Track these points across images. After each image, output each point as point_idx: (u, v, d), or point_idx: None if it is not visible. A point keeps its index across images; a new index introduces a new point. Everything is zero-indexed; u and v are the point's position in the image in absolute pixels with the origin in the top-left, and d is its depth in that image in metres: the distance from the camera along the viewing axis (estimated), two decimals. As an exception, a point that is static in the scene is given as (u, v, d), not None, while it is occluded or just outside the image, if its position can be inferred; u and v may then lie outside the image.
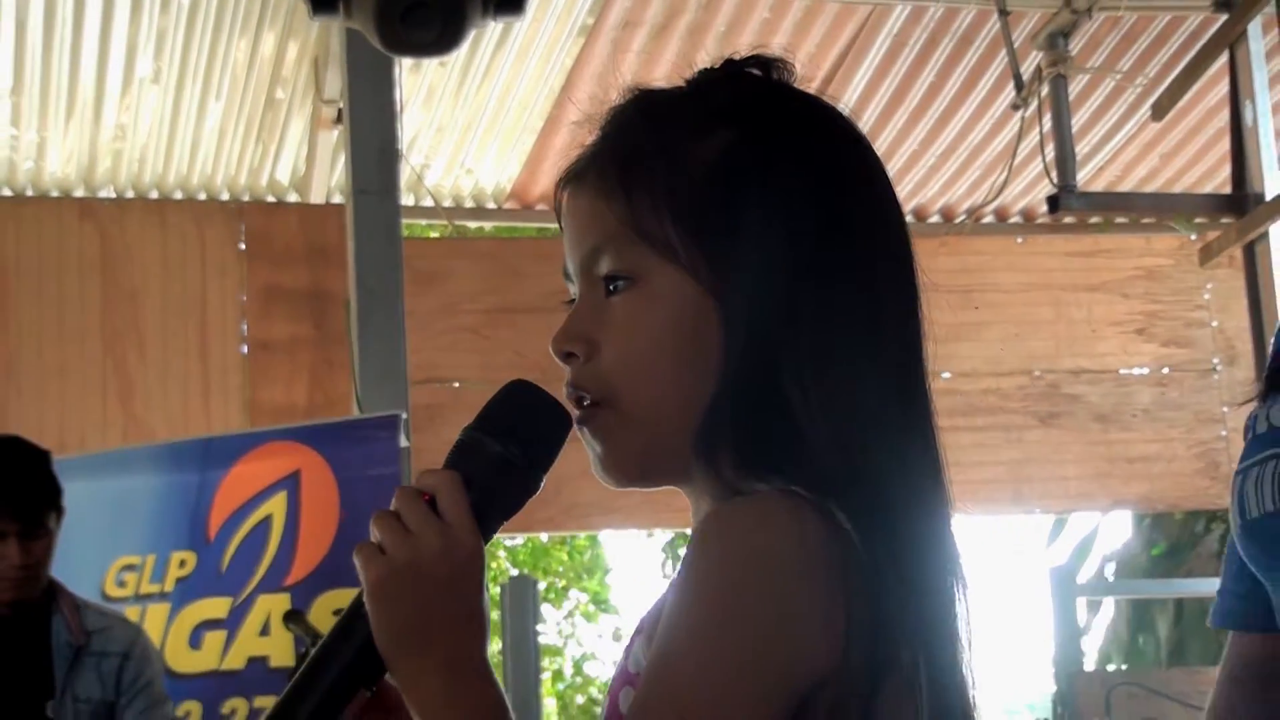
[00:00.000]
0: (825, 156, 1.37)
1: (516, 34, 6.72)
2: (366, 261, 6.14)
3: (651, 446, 1.35)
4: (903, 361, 1.35)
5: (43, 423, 5.34)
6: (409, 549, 1.26)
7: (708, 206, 1.32)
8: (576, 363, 1.35)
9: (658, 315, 1.33)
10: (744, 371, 1.31)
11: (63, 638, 4.43)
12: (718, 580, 1.22)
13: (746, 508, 1.25)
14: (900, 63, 7.14)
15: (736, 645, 1.20)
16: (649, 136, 1.35)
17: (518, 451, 1.31)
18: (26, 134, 7.07)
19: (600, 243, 1.35)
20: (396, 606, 1.27)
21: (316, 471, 5.53)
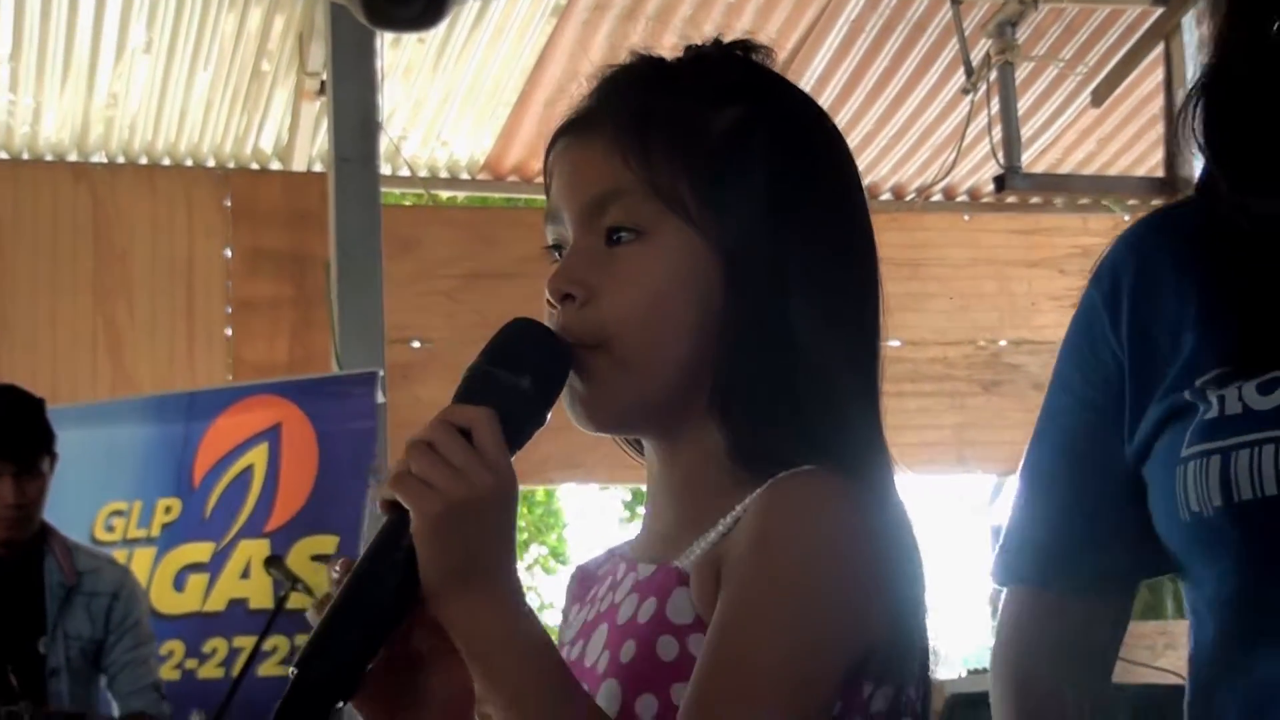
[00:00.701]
0: (819, 138, 1.40)
1: (492, 13, 6.72)
2: (347, 227, 6.16)
3: (641, 395, 1.33)
4: (870, 334, 1.38)
5: (35, 374, 5.33)
6: (464, 486, 1.20)
7: (721, 172, 1.32)
8: (572, 305, 1.32)
9: (665, 269, 1.32)
10: (761, 327, 1.31)
11: (55, 578, 4.45)
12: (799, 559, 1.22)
13: (814, 488, 1.25)
14: (857, 48, 7.16)
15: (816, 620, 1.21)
16: (665, 101, 1.35)
17: (529, 384, 1.27)
18: (23, 99, 7.05)
19: (609, 193, 1.33)
20: (453, 543, 1.20)
21: (296, 424, 5.55)
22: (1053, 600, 1.66)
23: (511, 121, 7.47)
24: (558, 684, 1.22)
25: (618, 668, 1.29)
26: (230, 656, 5.27)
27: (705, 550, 1.28)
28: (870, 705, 1.25)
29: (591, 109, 1.39)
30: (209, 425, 5.66)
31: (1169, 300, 1.55)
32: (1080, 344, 1.62)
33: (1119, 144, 7.91)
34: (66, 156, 7.31)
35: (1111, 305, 1.58)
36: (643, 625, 1.29)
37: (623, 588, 1.35)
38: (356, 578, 1.22)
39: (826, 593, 1.21)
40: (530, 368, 1.28)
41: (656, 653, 1.27)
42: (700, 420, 1.34)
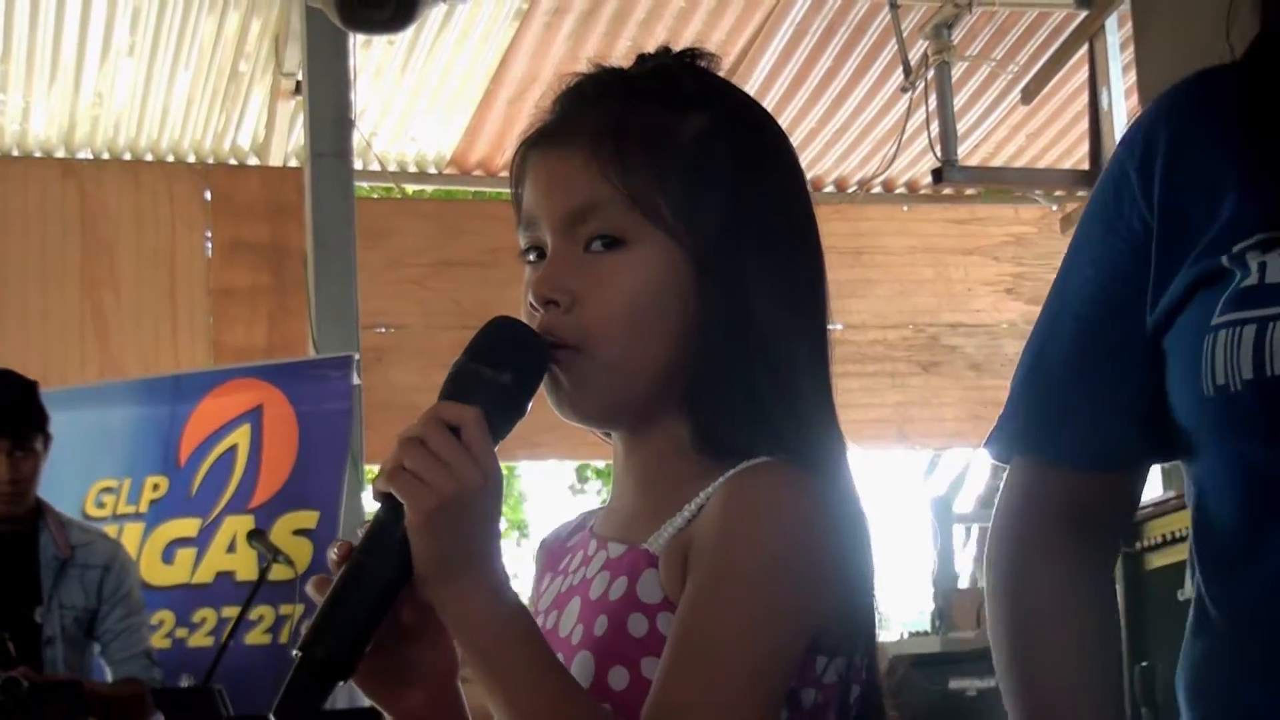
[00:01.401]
0: (770, 141, 1.40)
1: (458, 16, 6.71)
2: (322, 218, 6.15)
3: (622, 395, 1.34)
4: (820, 321, 1.39)
5: (27, 359, 5.32)
6: (455, 482, 1.20)
7: (693, 182, 1.33)
8: (556, 310, 1.32)
9: (644, 277, 1.32)
10: (733, 331, 1.32)
11: (50, 551, 4.44)
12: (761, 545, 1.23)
13: (772, 479, 1.27)
14: (801, 49, 7.17)
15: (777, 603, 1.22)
16: (635, 113, 1.35)
17: (511, 380, 1.27)
18: (13, 99, 7.01)
19: (589, 204, 1.33)
20: (444, 536, 1.21)
21: (277, 406, 5.54)
22: (1063, 474, 1.49)
23: (476, 119, 7.46)
24: (540, 663, 1.23)
25: (591, 640, 1.30)
26: (218, 625, 5.26)
27: (672, 535, 1.29)
28: (823, 678, 1.28)
29: (563, 120, 1.38)
30: (194, 407, 5.64)
31: (1207, 162, 1.41)
32: (1106, 209, 1.47)
33: (1047, 139, 7.95)
34: (54, 153, 7.28)
35: (1143, 168, 1.43)
36: (614, 603, 1.30)
37: (594, 564, 1.35)
38: (354, 566, 1.23)
39: (783, 577, 1.23)
40: (511, 365, 1.28)
41: (628, 629, 1.28)
42: (669, 414, 1.35)
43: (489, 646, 1.23)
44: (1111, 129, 6.85)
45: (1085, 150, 7.18)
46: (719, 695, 1.20)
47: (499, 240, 7.15)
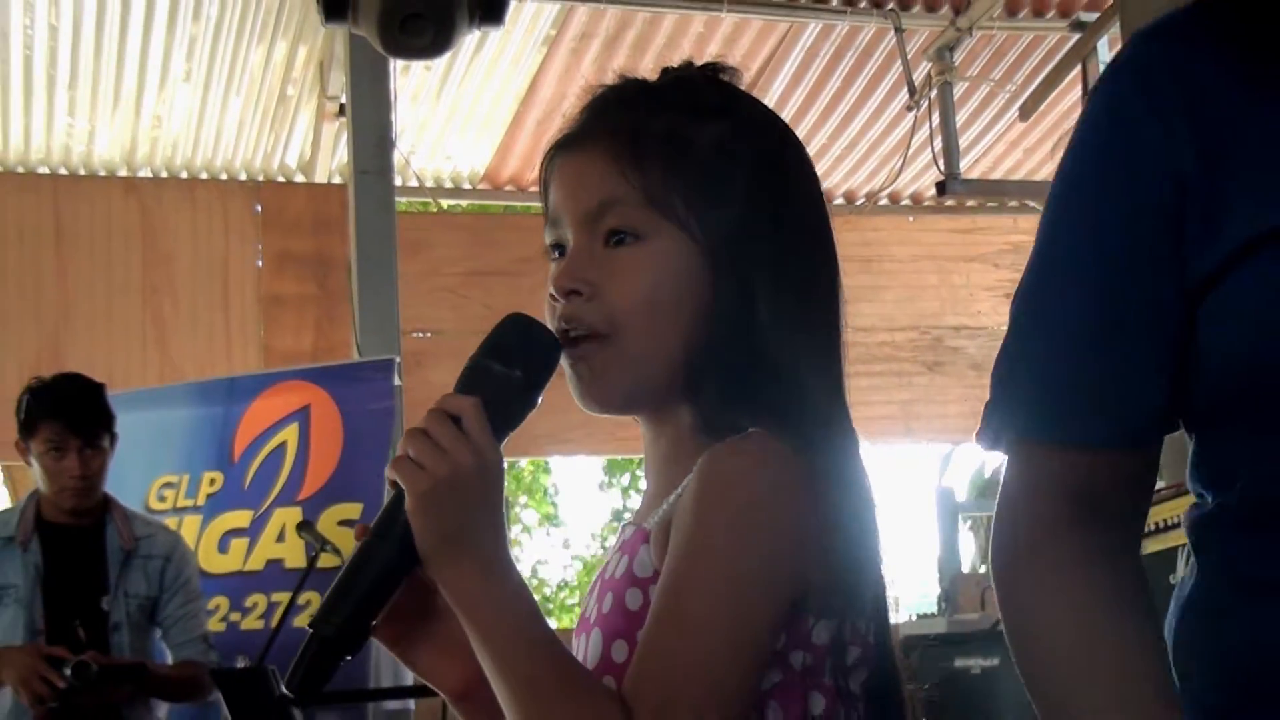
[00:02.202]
0: (787, 150, 1.40)
1: (490, 43, 6.74)
2: (365, 231, 6.17)
3: (640, 380, 1.33)
4: (834, 321, 1.37)
5: (93, 364, 5.34)
6: (448, 465, 1.21)
7: (707, 182, 1.33)
8: (578, 300, 1.32)
9: (660, 268, 1.32)
10: (742, 321, 1.32)
11: (115, 543, 4.45)
12: (735, 512, 1.22)
13: (747, 448, 1.25)
14: (812, 70, 7.19)
15: (749, 570, 1.21)
16: (655, 119, 1.35)
17: (520, 374, 1.28)
18: (79, 123, 7.05)
19: (608, 201, 1.33)
20: (439, 515, 1.22)
21: (323, 406, 5.55)
22: (1073, 456, 1.25)
23: (507, 138, 7.49)
24: (535, 639, 1.23)
25: (600, 618, 1.30)
26: (269, 610, 5.28)
27: (664, 510, 1.29)
28: (813, 637, 1.25)
29: (587, 126, 1.38)
30: (246, 407, 5.65)
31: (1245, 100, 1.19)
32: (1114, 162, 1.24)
33: (1043, 152, 7.94)
34: (117, 172, 7.31)
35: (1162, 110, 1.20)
36: (617, 580, 1.30)
37: (613, 548, 1.36)
38: (362, 549, 1.25)
39: (750, 541, 1.21)
40: (521, 360, 1.28)
41: (625, 604, 1.28)
42: (681, 400, 1.34)
43: (485, 623, 1.22)
44: (1104, 144, 6.85)
45: (1079, 164, 7.17)
46: (691, 662, 1.19)
47: (529, 250, 7.11)
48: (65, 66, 6.69)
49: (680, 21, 6.75)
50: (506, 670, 1.22)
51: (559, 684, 1.21)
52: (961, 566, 6.19)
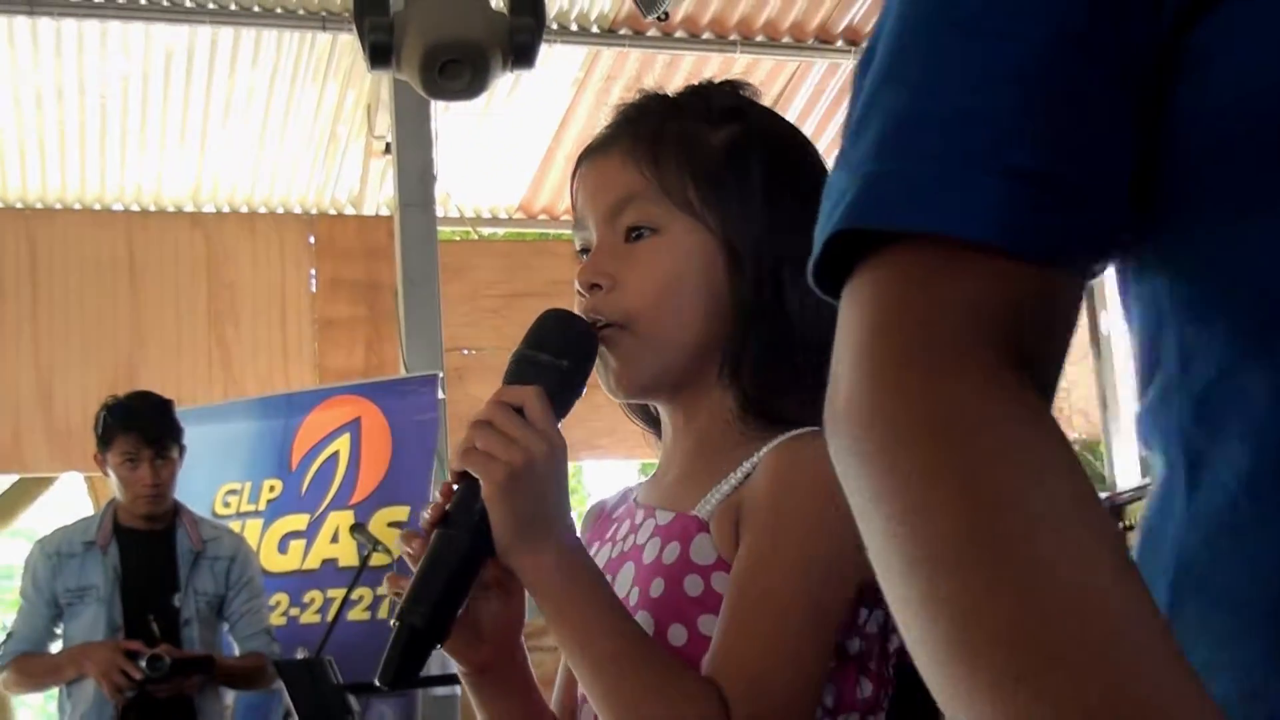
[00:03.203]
0: (799, 150, 1.39)
1: (524, 85, 6.76)
2: (410, 259, 6.18)
3: (662, 365, 1.31)
4: None
5: (164, 383, 5.38)
6: (521, 454, 1.18)
7: (722, 177, 1.31)
8: (600, 292, 1.30)
9: (677, 258, 1.30)
10: (761, 308, 1.30)
11: (185, 545, 4.48)
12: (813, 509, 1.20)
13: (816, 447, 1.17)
14: (820, 105, 7.19)
15: (826, 557, 1.19)
16: (672, 122, 1.34)
17: (567, 363, 1.25)
18: (150, 163, 7.06)
19: (627, 197, 1.32)
20: (516, 503, 1.18)
21: (373, 418, 5.57)
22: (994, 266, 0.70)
23: (540, 172, 7.51)
24: (612, 614, 1.20)
25: (649, 601, 1.26)
26: (325, 605, 5.29)
27: (721, 500, 1.26)
28: (866, 627, 1.24)
29: (610, 133, 1.37)
30: (302, 420, 5.68)
31: None
32: None
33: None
34: (184, 208, 7.33)
35: None
36: (669, 566, 1.26)
37: (643, 531, 1.32)
38: (440, 540, 1.20)
39: (829, 536, 1.18)
40: (567, 350, 1.26)
41: (684, 589, 1.25)
42: (711, 388, 1.31)
43: (564, 602, 1.20)
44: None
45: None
46: (778, 643, 1.17)
47: (561, 274, 7.17)
48: (136, 112, 6.73)
49: (698, 62, 6.77)
50: (591, 650, 1.19)
51: (644, 662, 1.18)
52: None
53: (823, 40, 6.77)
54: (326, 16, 6.23)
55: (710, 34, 6.66)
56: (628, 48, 6.66)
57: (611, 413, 1.41)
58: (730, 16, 6.60)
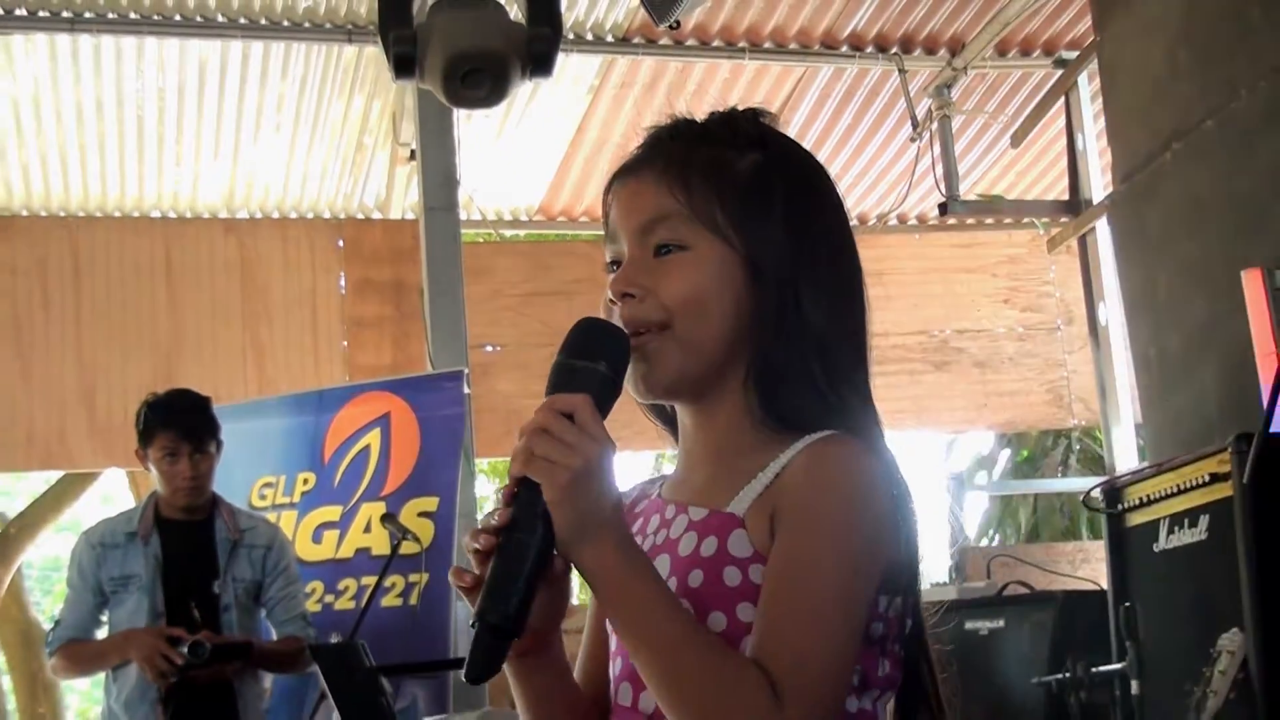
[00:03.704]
0: (816, 176, 1.44)
1: (542, 92, 6.76)
2: (435, 260, 6.17)
3: (686, 367, 1.35)
4: (861, 319, 1.40)
5: (200, 382, 5.36)
6: (580, 458, 1.21)
7: (746, 200, 1.36)
8: (632, 302, 1.35)
9: (703, 272, 1.34)
10: (781, 319, 1.34)
11: (223, 534, 4.49)
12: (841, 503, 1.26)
13: (844, 451, 1.28)
14: (826, 109, 7.17)
15: (856, 550, 1.24)
16: (701, 148, 1.39)
17: (605, 367, 1.28)
18: (185, 172, 7.09)
19: (659, 217, 1.36)
20: (579, 503, 1.21)
21: (402, 413, 5.58)
22: None
23: (559, 175, 7.50)
24: (665, 601, 1.23)
25: (687, 590, 1.29)
26: (359, 592, 5.30)
27: (755, 498, 1.30)
28: (887, 613, 1.30)
29: (643, 156, 1.42)
30: (334, 415, 5.69)
31: None
32: None
33: (1033, 175, 7.91)
34: (218, 214, 7.36)
35: None
36: (708, 559, 1.30)
37: (676, 526, 1.35)
38: (509, 543, 1.22)
39: (861, 530, 1.25)
40: (604, 356, 1.28)
41: (723, 580, 1.28)
42: (731, 392, 1.36)
43: (624, 591, 1.23)
44: (1086, 166, 6.85)
45: (1065, 184, 7.16)
46: (816, 626, 1.21)
47: (580, 273, 7.19)
48: (172, 123, 6.75)
49: (709, 68, 6.76)
50: (650, 633, 1.22)
51: (699, 644, 1.22)
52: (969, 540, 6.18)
53: (827, 46, 6.75)
54: (353, 30, 6.23)
55: (720, 41, 6.64)
56: (641, 56, 6.65)
57: (630, 408, 1.44)
58: (739, 24, 6.58)
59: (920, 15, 6.63)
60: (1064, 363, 7.88)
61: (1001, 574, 4.98)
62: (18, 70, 6.32)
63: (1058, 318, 7.96)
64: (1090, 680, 3.53)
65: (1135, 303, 4.97)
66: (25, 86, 6.42)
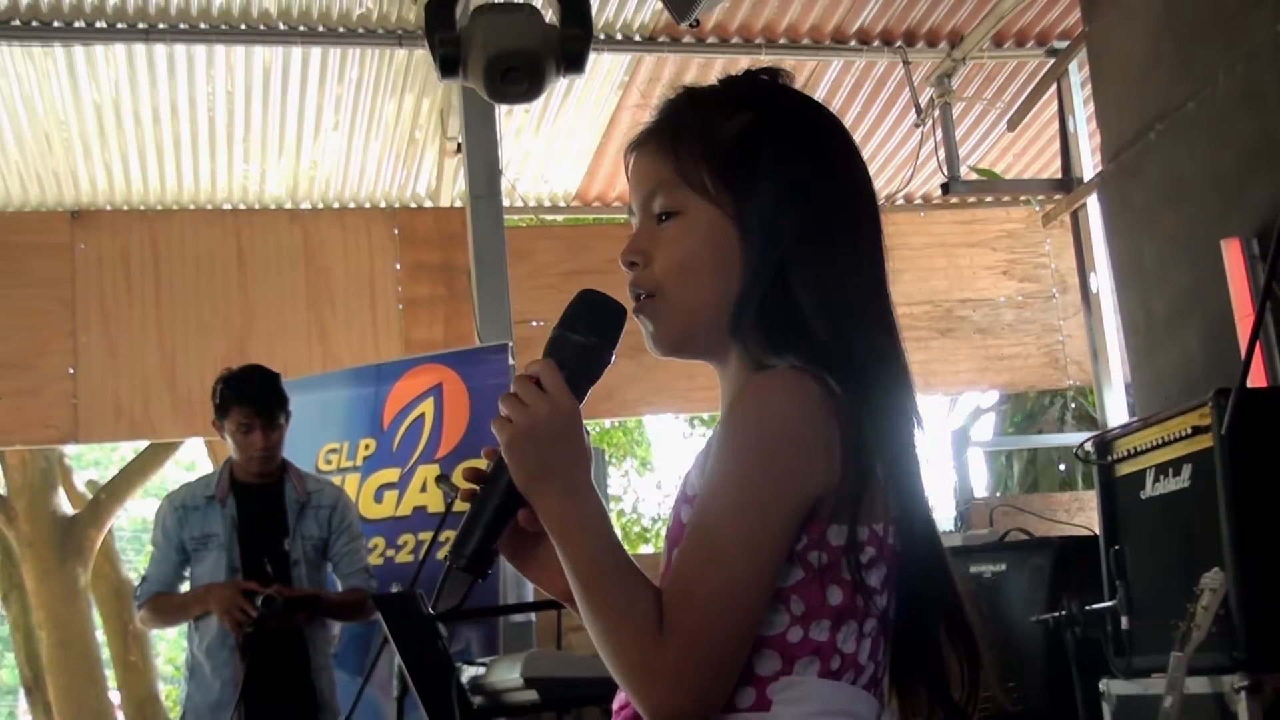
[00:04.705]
0: (816, 131, 1.36)
1: (576, 88, 6.76)
2: (481, 243, 6.19)
3: (689, 327, 1.33)
4: (872, 274, 1.33)
5: (270, 358, 5.40)
6: (528, 415, 1.23)
7: (734, 162, 1.31)
8: (637, 269, 1.34)
9: (694, 236, 1.31)
10: (761, 274, 1.29)
11: (292, 496, 4.52)
12: (750, 436, 1.21)
13: (767, 381, 1.23)
14: (837, 98, 7.13)
15: (759, 480, 1.19)
16: (691, 115, 1.35)
17: (594, 339, 1.28)
18: (253, 167, 7.12)
19: (655, 187, 1.34)
20: (525, 456, 1.23)
21: (453, 384, 5.59)
22: None
23: (594, 164, 7.50)
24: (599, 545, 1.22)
25: (669, 532, 1.30)
26: (416, 546, 5.33)
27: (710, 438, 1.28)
28: (827, 538, 1.21)
29: (646, 129, 1.39)
30: (392, 386, 5.70)
31: None
32: None
33: (1029, 156, 7.86)
34: (284, 206, 7.37)
35: None
36: (677, 501, 1.30)
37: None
38: (479, 495, 1.28)
39: (767, 462, 1.18)
40: (592, 326, 1.29)
41: (681, 518, 1.27)
42: (731, 344, 1.32)
43: (561, 535, 1.23)
44: (1077, 146, 6.80)
45: (1058, 163, 7.11)
46: (708, 559, 1.17)
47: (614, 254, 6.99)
48: (240, 123, 6.78)
49: (728, 63, 6.72)
50: (578, 571, 1.22)
51: (613, 581, 1.21)
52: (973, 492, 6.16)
53: (837, 40, 6.72)
54: (403, 34, 6.23)
55: (738, 38, 6.62)
56: (666, 53, 6.64)
57: (663, 375, 1.43)
58: (756, 23, 6.56)
59: (922, 10, 6.59)
60: (1059, 328, 7.84)
61: (1003, 522, 4.97)
62: (100, 78, 6.36)
63: (1053, 287, 7.91)
64: (1084, 617, 3.52)
65: (1124, 272, 4.93)
66: (107, 92, 6.46)
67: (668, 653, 1.15)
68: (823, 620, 1.21)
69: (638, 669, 1.17)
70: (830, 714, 1.21)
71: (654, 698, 1.16)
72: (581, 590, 1.22)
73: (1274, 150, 3.97)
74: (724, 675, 1.17)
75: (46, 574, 11.16)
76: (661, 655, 1.16)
